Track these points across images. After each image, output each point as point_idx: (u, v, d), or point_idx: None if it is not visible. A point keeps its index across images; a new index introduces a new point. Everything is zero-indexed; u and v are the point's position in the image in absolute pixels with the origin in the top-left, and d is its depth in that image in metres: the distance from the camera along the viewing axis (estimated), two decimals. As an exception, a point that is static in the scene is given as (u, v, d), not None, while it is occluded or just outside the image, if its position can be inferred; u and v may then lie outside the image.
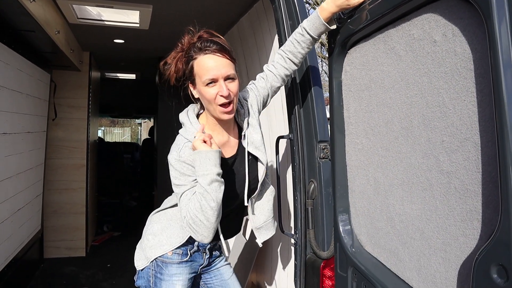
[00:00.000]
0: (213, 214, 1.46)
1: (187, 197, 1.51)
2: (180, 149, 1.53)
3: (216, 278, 1.87)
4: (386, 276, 1.35)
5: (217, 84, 1.49)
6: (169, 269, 1.70)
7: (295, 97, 1.96)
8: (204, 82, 1.49)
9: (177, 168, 1.52)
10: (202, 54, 1.50)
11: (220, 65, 1.49)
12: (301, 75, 1.94)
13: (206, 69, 1.49)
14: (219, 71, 1.48)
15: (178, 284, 1.70)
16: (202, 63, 1.50)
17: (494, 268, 0.89)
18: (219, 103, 1.50)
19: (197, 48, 1.51)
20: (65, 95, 4.43)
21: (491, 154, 0.92)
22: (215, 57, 1.49)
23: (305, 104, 1.91)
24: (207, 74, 1.48)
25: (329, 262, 1.76)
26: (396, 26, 1.23)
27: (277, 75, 1.73)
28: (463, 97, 0.99)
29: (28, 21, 2.45)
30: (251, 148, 1.67)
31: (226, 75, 1.50)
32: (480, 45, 0.93)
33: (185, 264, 1.73)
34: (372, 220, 1.43)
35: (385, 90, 1.30)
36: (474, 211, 0.98)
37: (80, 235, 4.58)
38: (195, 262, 1.78)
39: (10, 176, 2.89)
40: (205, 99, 1.53)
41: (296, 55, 1.68)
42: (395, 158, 1.28)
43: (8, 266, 2.94)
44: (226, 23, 3.27)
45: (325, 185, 1.80)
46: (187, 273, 1.74)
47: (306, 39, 1.63)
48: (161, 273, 1.70)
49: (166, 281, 1.69)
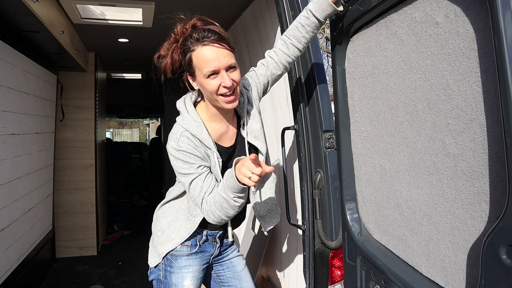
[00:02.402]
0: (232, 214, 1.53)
1: (198, 186, 1.50)
2: (178, 139, 1.50)
3: (229, 270, 1.85)
4: (395, 263, 1.34)
5: (219, 75, 1.45)
6: (179, 261, 1.69)
7: (299, 88, 1.96)
8: (205, 75, 1.45)
9: (179, 158, 1.50)
10: (200, 46, 1.44)
11: (220, 56, 1.44)
12: (305, 66, 1.93)
13: (206, 61, 1.43)
14: (220, 62, 1.43)
15: (188, 276, 1.69)
16: (201, 55, 1.45)
17: (503, 249, 0.88)
18: (222, 93, 1.47)
19: (194, 39, 1.45)
20: (72, 96, 4.47)
21: (497, 134, 0.91)
22: (214, 48, 1.44)
23: (309, 94, 1.91)
24: (207, 66, 1.43)
25: (338, 252, 1.76)
26: (398, 10, 1.21)
27: (279, 63, 1.69)
28: (467, 78, 0.98)
29: (32, 21, 2.47)
30: (250, 138, 1.65)
31: (227, 65, 1.45)
32: (483, 24, 0.92)
33: (195, 256, 1.72)
34: (379, 207, 1.42)
35: (389, 76, 1.29)
36: (481, 193, 0.97)
37: (91, 234, 4.63)
38: (206, 252, 1.76)
39: (20, 176, 2.92)
40: (207, 91, 1.49)
41: (300, 40, 1.62)
42: (400, 144, 1.27)
43: (21, 265, 2.98)
44: (229, 18, 3.26)
45: (332, 175, 1.80)
46: (197, 265, 1.73)
47: (311, 22, 1.57)
48: (171, 266, 1.70)
49: (176, 273, 1.69)
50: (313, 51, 1.89)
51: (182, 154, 1.49)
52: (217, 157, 1.55)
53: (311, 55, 1.89)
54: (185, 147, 1.49)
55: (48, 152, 3.84)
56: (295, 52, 1.66)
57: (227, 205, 1.47)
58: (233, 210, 1.50)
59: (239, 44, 3.22)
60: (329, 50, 12.46)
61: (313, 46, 1.90)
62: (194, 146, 1.50)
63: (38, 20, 2.43)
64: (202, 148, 1.52)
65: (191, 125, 1.52)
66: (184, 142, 1.49)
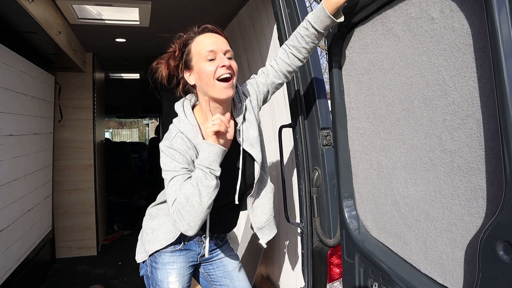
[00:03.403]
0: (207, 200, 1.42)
1: (178, 183, 1.47)
2: (172, 138, 1.50)
3: (219, 269, 1.84)
4: (393, 260, 1.34)
5: (216, 58, 1.48)
6: (163, 257, 1.71)
7: (296, 85, 1.95)
8: (203, 57, 1.48)
9: (168, 154, 1.49)
10: (199, 35, 1.53)
11: (219, 41, 1.51)
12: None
13: (205, 44, 1.49)
14: (218, 45, 1.50)
15: (173, 273, 1.70)
16: (200, 41, 1.51)
17: (500, 245, 0.88)
18: (220, 76, 1.47)
19: (193, 32, 1.54)
20: (70, 97, 4.46)
21: (493, 129, 0.90)
22: (212, 34, 1.52)
23: (306, 91, 1.90)
24: (205, 47, 1.49)
25: (336, 250, 1.75)
26: (393, 6, 1.21)
27: (279, 71, 1.66)
28: (463, 74, 0.97)
29: (29, 22, 2.46)
30: (246, 145, 1.62)
31: (225, 50, 1.50)
32: (478, 19, 0.91)
33: (179, 253, 1.72)
34: (377, 204, 1.42)
35: (385, 72, 1.29)
36: (478, 189, 0.97)
37: (91, 235, 4.63)
38: (191, 251, 1.75)
39: (18, 177, 2.92)
40: (204, 76, 1.49)
41: (300, 50, 1.59)
42: (397, 141, 1.27)
43: (20, 266, 2.98)
44: (226, 17, 3.26)
45: (329, 172, 1.79)
46: (182, 262, 1.73)
47: (310, 33, 1.53)
48: (156, 262, 1.72)
49: (161, 269, 1.71)
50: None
51: (173, 151, 1.49)
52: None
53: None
54: (177, 146, 1.49)
55: (47, 153, 3.83)
56: (295, 61, 1.63)
57: (199, 190, 1.40)
58: (205, 197, 1.41)
59: (236, 43, 3.22)
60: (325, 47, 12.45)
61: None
62: (186, 148, 1.50)
63: (34, 20, 2.42)
64: (194, 152, 1.52)
65: (187, 128, 1.53)
66: (178, 142, 1.50)
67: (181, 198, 1.43)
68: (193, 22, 1.60)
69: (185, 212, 1.42)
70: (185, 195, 1.42)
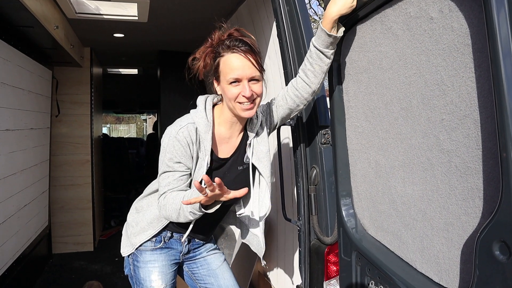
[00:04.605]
0: (182, 220, 1.56)
1: (168, 179, 1.54)
2: (181, 127, 1.52)
3: (203, 267, 1.84)
4: (389, 259, 1.34)
5: (240, 84, 1.47)
6: (143, 256, 1.72)
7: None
8: (228, 81, 1.48)
9: (170, 142, 1.52)
10: (229, 52, 1.48)
11: (246, 66, 1.46)
12: (300, 61, 1.92)
13: (231, 68, 1.47)
14: (244, 71, 1.46)
15: (155, 271, 1.71)
16: (228, 62, 1.48)
17: (496, 245, 0.88)
18: (241, 103, 1.49)
19: (226, 46, 1.49)
20: (67, 92, 4.44)
21: (491, 130, 0.91)
22: (241, 57, 1.47)
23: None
24: (231, 73, 1.47)
25: (333, 248, 1.76)
26: (392, 5, 1.21)
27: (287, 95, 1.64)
28: (461, 74, 0.97)
29: (26, 16, 2.44)
30: (254, 159, 1.65)
31: (250, 76, 1.48)
32: (476, 20, 0.91)
33: (159, 251, 1.73)
34: (374, 203, 1.42)
35: (384, 71, 1.29)
36: (475, 189, 0.97)
37: (88, 230, 4.63)
38: (173, 249, 1.76)
39: (14, 172, 2.91)
40: (226, 97, 1.52)
41: (306, 73, 1.56)
42: (395, 140, 1.27)
43: (16, 262, 2.98)
44: (225, 13, 3.25)
45: (327, 171, 1.80)
46: (163, 260, 1.73)
47: (313, 54, 1.50)
48: (137, 261, 1.73)
49: (142, 268, 1.72)
50: (308, 46, 1.87)
51: (176, 141, 1.50)
52: (207, 161, 1.54)
53: (306, 49, 1.88)
54: (181, 138, 1.50)
55: (44, 148, 3.82)
56: (303, 85, 1.59)
57: (179, 213, 1.51)
58: (182, 219, 1.53)
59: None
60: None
61: (307, 38, 1.88)
62: (190, 142, 1.51)
63: (31, 14, 2.40)
64: (196, 147, 1.53)
65: (201, 121, 1.54)
66: (185, 133, 1.51)
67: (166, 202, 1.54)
68: (192, 18, 1.59)
69: (164, 213, 1.58)
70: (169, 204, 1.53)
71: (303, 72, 1.56)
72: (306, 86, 1.57)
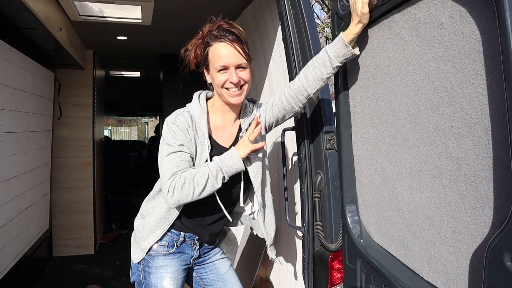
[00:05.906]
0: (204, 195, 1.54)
1: (175, 161, 1.55)
2: (178, 115, 1.61)
3: (212, 272, 1.84)
4: (395, 267, 1.33)
5: (228, 71, 1.56)
6: (156, 261, 1.69)
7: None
8: (216, 68, 1.56)
9: (170, 129, 1.58)
10: (217, 42, 1.56)
11: (232, 54, 1.54)
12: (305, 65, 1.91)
13: (219, 56, 1.55)
14: (231, 59, 1.54)
15: (167, 277, 1.68)
16: (216, 50, 1.56)
17: (508, 256, 0.86)
18: (228, 88, 1.57)
19: (214, 36, 1.57)
20: (70, 94, 4.43)
21: (502, 138, 0.89)
22: (228, 46, 1.55)
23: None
24: (219, 61, 1.55)
25: (338, 255, 1.74)
26: (401, 10, 1.19)
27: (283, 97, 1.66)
28: (472, 81, 0.96)
29: (29, 18, 2.44)
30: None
31: (237, 64, 1.55)
32: (488, 26, 0.90)
33: (172, 256, 1.72)
34: (380, 210, 1.40)
35: (391, 77, 1.27)
36: (485, 197, 0.95)
37: (89, 233, 4.61)
38: (185, 254, 1.75)
39: (16, 175, 2.90)
40: (215, 84, 1.60)
41: (306, 76, 1.57)
42: (402, 146, 1.25)
43: (17, 265, 2.96)
44: (229, 17, 3.22)
45: (332, 177, 1.78)
46: (176, 265, 1.72)
47: (320, 58, 1.51)
48: (148, 267, 1.70)
49: (154, 274, 1.69)
50: (314, 51, 1.87)
51: (175, 127, 1.58)
52: (207, 144, 1.60)
53: (312, 54, 1.87)
54: (180, 123, 1.58)
55: (45, 150, 3.81)
56: (299, 87, 1.60)
57: (206, 180, 1.52)
58: (209, 188, 1.53)
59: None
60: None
61: (313, 43, 1.87)
62: (188, 126, 1.58)
63: (34, 16, 2.40)
64: (193, 131, 1.59)
65: (195, 108, 1.64)
66: (182, 119, 1.59)
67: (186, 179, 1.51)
68: (195, 21, 1.61)
69: (187, 189, 1.51)
70: (193, 180, 1.51)
71: (303, 74, 1.59)
72: (302, 88, 1.60)
